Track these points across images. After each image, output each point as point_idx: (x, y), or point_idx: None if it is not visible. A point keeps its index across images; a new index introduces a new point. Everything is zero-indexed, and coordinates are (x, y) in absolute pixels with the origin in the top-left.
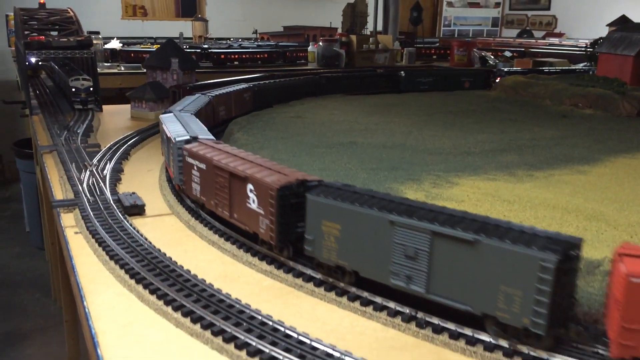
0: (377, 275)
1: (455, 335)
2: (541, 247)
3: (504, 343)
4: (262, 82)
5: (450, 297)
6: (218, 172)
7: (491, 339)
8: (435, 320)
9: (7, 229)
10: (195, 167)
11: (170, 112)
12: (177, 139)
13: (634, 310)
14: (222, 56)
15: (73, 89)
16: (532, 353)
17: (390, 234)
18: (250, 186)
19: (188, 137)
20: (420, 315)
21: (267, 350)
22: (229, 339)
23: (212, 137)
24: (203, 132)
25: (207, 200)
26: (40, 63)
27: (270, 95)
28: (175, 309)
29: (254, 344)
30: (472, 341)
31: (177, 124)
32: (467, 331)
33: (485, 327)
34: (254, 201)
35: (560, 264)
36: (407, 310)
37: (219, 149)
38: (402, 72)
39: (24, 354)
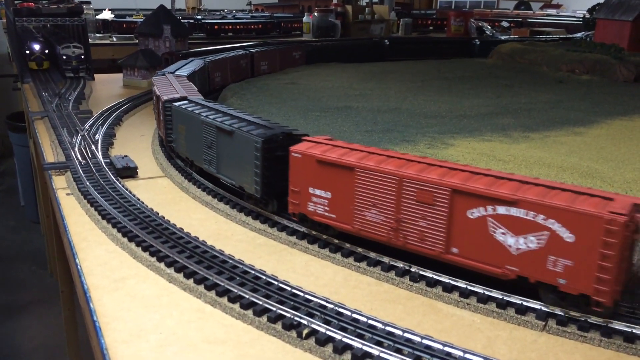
0: (200, 162)
1: (448, 288)
2: (258, 134)
3: (497, 294)
4: (317, 43)
5: (227, 175)
6: (156, 98)
7: (484, 291)
8: (429, 274)
9: (2, 203)
10: (154, 97)
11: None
12: (155, 75)
13: (295, 176)
14: (216, 27)
15: (64, 57)
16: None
17: (201, 130)
18: (160, 103)
19: (162, 73)
20: (414, 269)
21: (260, 303)
22: (222, 292)
23: (183, 75)
24: (182, 71)
25: (157, 122)
26: (46, 51)
27: (328, 57)
28: (168, 265)
29: (247, 296)
30: (465, 293)
31: (175, 66)
32: (461, 284)
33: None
34: (161, 114)
35: (265, 144)
36: (400, 264)
37: (169, 81)
38: (476, 40)
39: (22, 325)
